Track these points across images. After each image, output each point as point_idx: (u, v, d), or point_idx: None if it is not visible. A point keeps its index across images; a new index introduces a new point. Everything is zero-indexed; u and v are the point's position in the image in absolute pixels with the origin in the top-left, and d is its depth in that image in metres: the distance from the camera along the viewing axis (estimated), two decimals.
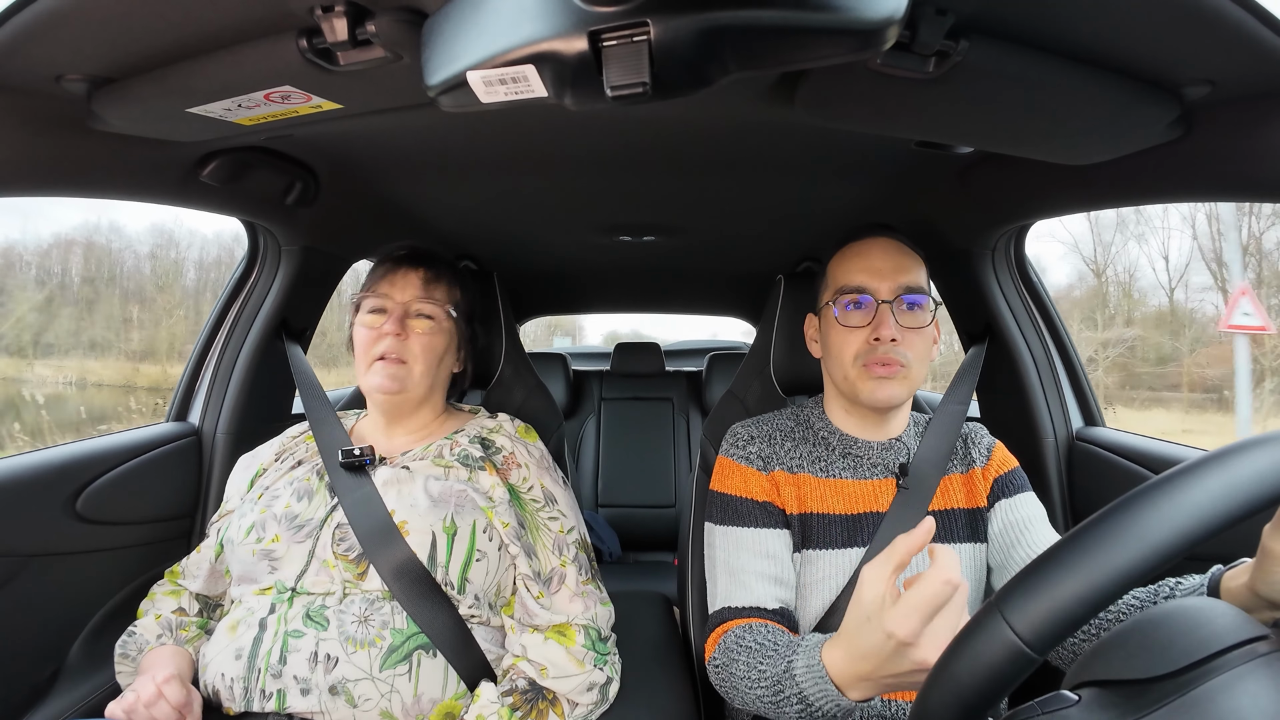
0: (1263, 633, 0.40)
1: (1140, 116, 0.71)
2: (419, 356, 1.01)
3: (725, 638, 0.86)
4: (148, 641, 0.95)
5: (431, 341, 1.03)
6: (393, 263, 1.06)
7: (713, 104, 0.84)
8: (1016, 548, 0.92)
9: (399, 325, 1.00)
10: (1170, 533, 0.39)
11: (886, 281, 0.92)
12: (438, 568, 0.89)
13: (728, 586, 0.92)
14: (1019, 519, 0.94)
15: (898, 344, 0.91)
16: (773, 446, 1.00)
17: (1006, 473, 0.98)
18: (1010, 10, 0.57)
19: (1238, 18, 0.55)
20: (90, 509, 1.08)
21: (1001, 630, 0.41)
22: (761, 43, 0.49)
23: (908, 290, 0.92)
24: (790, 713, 0.72)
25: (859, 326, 0.93)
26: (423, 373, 1.02)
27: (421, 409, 1.08)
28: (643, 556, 2.56)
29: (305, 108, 0.73)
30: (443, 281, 1.07)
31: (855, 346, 0.93)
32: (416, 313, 1.03)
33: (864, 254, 0.96)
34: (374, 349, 1.00)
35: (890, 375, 0.91)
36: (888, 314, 0.91)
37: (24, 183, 0.81)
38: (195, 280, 14.38)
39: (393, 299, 1.02)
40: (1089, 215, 9.92)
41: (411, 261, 1.06)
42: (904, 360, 0.91)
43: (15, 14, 0.58)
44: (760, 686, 0.76)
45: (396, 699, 0.83)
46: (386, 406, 1.05)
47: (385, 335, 0.99)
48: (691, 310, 3.28)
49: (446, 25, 0.54)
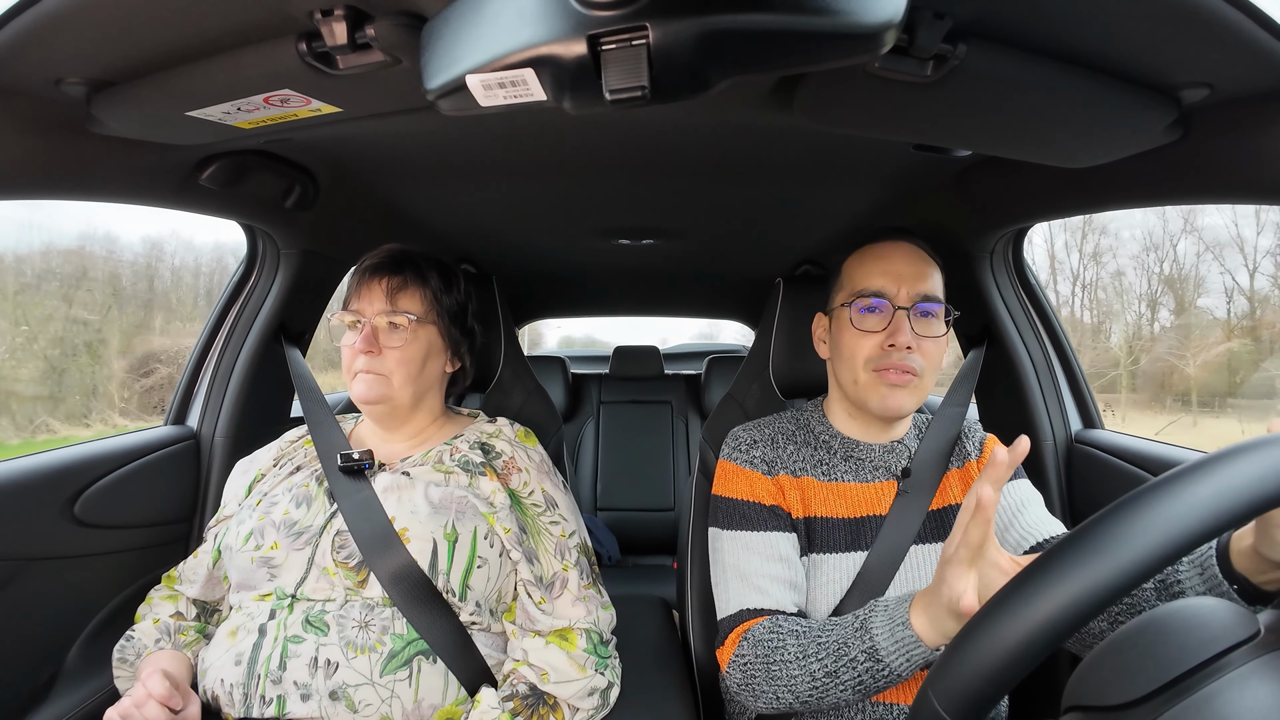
0: (1245, 636, 0.40)
1: (1138, 120, 0.71)
2: (394, 368, 1.00)
3: (754, 631, 0.84)
4: (145, 646, 0.94)
5: (405, 352, 1.00)
6: (360, 274, 1.04)
7: (711, 108, 0.84)
8: (1010, 530, 0.91)
9: (369, 341, 0.98)
10: (1084, 596, 0.39)
11: (905, 287, 0.91)
12: (439, 575, 0.89)
13: (741, 590, 0.90)
14: (1011, 503, 0.93)
15: (912, 351, 0.90)
16: (776, 450, 1.00)
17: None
18: (1008, 14, 0.58)
19: (1235, 21, 0.55)
20: (88, 513, 1.08)
21: (932, 709, 0.44)
22: (760, 47, 0.50)
23: (925, 298, 0.91)
24: (846, 680, 0.73)
25: (873, 331, 0.92)
26: (403, 382, 1.01)
27: (416, 414, 1.07)
28: (642, 560, 2.56)
29: (304, 111, 0.73)
30: (412, 287, 1.03)
31: (868, 351, 0.92)
32: (387, 324, 1.01)
33: (885, 257, 0.94)
34: (352, 365, 1.00)
35: (903, 384, 0.90)
36: (904, 321, 0.90)
37: (23, 186, 0.81)
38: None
39: (363, 313, 1.01)
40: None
41: (378, 271, 1.03)
42: (917, 369, 0.90)
43: (15, 17, 0.58)
44: (817, 660, 0.76)
45: (397, 704, 0.83)
46: (375, 415, 1.05)
47: (359, 352, 0.99)
48: (690, 313, 3.29)
49: (445, 29, 0.54)
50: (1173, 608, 0.43)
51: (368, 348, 0.98)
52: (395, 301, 1.01)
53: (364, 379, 0.99)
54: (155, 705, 0.80)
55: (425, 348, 1.03)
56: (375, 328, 1.00)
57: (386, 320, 1.00)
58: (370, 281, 1.02)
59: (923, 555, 0.92)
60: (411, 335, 1.01)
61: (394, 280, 1.02)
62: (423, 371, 1.03)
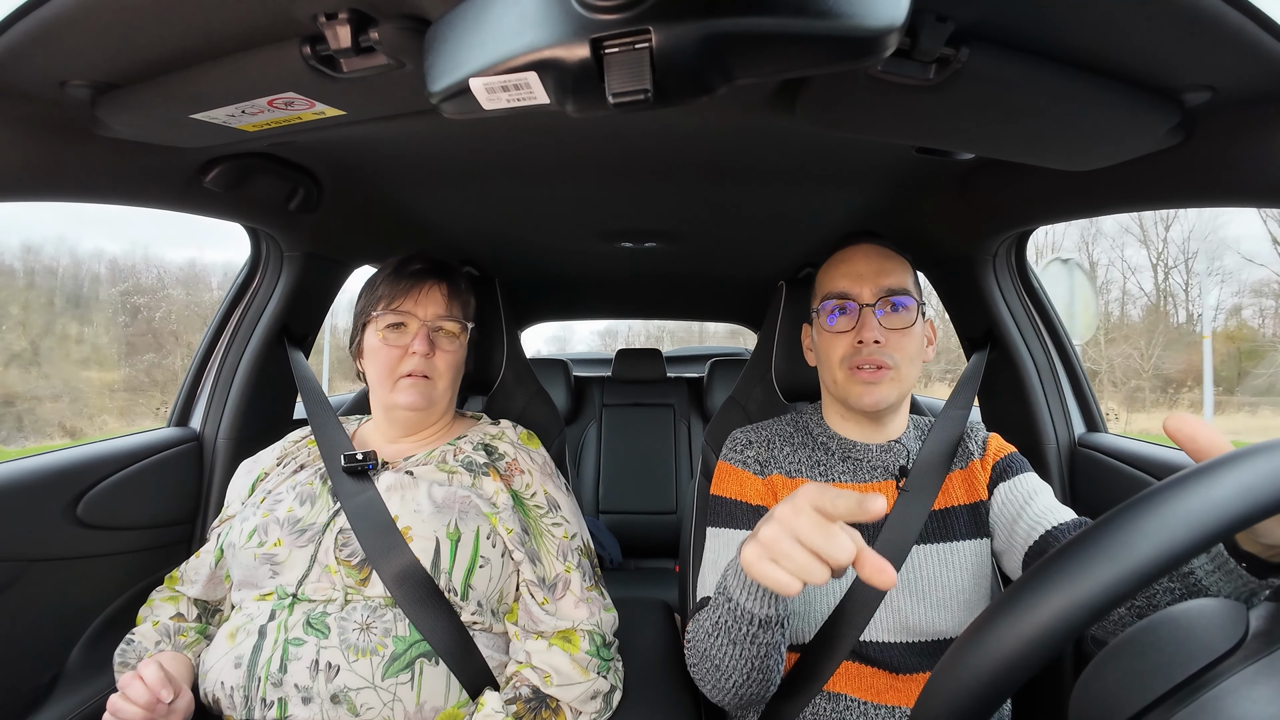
0: (1233, 643, 0.40)
1: (1141, 122, 0.71)
2: (444, 373, 1.02)
3: (691, 625, 0.87)
4: (146, 649, 0.94)
5: (456, 356, 1.04)
6: (413, 277, 1.04)
7: (714, 111, 0.84)
8: (1019, 521, 0.91)
9: (426, 344, 0.99)
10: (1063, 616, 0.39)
11: (868, 285, 0.94)
12: (441, 574, 0.89)
13: (710, 580, 0.94)
14: (1019, 495, 0.94)
15: (883, 346, 0.92)
16: (770, 451, 1.02)
17: (1004, 458, 0.99)
18: (1011, 17, 0.58)
19: (1238, 23, 0.55)
20: (91, 514, 1.08)
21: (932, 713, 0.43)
22: (762, 50, 0.50)
23: (890, 292, 0.94)
24: (717, 626, 0.75)
25: (844, 331, 0.95)
26: (446, 387, 1.04)
27: (437, 416, 1.09)
28: (644, 563, 2.55)
29: (308, 114, 0.73)
30: (463, 294, 1.08)
31: (841, 350, 0.95)
32: (442, 330, 1.03)
33: (847, 260, 0.98)
34: (400, 366, 1.00)
35: (876, 379, 0.92)
36: (870, 316, 0.93)
37: (27, 188, 0.81)
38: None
39: (416, 316, 1.01)
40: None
41: (433, 275, 1.05)
42: (891, 362, 0.92)
43: (20, 19, 0.59)
44: (710, 622, 0.77)
45: (399, 707, 0.83)
46: (409, 421, 1.06)
47: (413, 354, 0.99)
48: (692, 316, 3.29)
49: (449, 32, 0.54)
50: (1160, 619, 0.43)
51: (426, 349, 0.99)
52: (453, 307, 1.04)
53: (411, 385, 1.00)
54: (139, 685, 0.80)
55: (465, 353, 1.07)
56: (433, 330, 1.02)
57: (443, 325, 1.03)
58: (428, 285, 1.04)
59: (924, 556, 0.92)
60: (460, 342, 1.05)
61: (448, 286, 1.05)
62: (460, 376, 1.07)
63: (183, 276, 15.23)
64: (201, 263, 16.98)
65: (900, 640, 0.90)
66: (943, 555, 0.93)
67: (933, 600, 0.91)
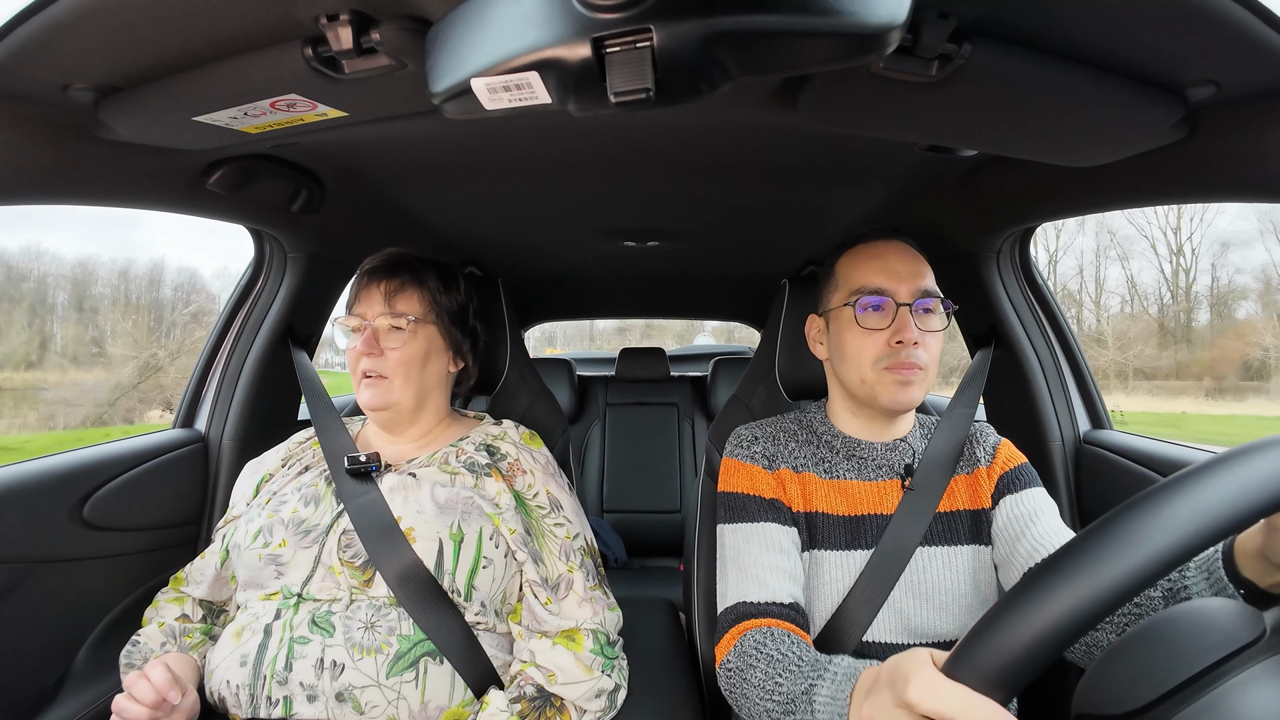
0: (1251, 638, 0.39)
1: (1144, 118, 0.70)
2: (395, 370, 1.02)
3: (743, 641, 0.84)
4: (152, 650, 0.95)
5: (405, 352, 1.02)
6: (366, 277, 1.07)
7: (716, 109, 0.84)
8: (1021, 540, 0.90)
9: (370, 343, 1.00)
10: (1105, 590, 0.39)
11: (905, 284, 0.92)
12: (444, 574, 0.89)
13: (738, 581, 0.91)
14: (1024, 512, 0.92)
15: (918, 347, 0.90)
16: (777, 446, 1.01)
17: (1012, 469, 0.97)
18: (1013, 13, 0.57)
19: (1241, 18, 0.55)
20: (97, 515, 1.09)
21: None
22: (764, 47, 0.50)
23: (925, 294, 0.92)
24: (788, 711, 0.71)
25: (877, 329, 0.92)
26: (403, 384, 1.02)
27: (420, 415, 1.08)
28: (648, 562, 2.56)
29: (311, 115, 0.73)
30: (410, 288, 1.05)
31: (875, 350, 0.92)
32: (388, 326, 1.03)
33: (881, 256, 0.95)
34: (356, 368, 1.02)
35: (912, 379, 0.91)
36: (908, 317, 0.91)
37: (31, 191, 0.81)
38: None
39: (363, 317, 1.03)
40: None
41: (376, 275, 1.06)
42: (923, 363, 0.91)
43: (22, 23, 0.59)
44: (772, 700, 0.74)
45: (404, 706, 0.83)
46: (381, 421, 1.07)
47: (361, 354, 1.01)
48: (696, 315, 3.29)
49: (451, 33, 0.54)
50: (1178, 610, 0.43)
51: (369, 349, 1.00)
52: (394, 303, 1.03)
53: (368, 385, 1.01)
54: (145, 684, 0.81)
55: (425, 348, 1.05)
56: (376, 330, 1.02)
57: (387, 322, 1.02)
58: (370, 285, 1.05)
59: (928, 558, 0.92)
60: (410, 336, 1.03)
61: (392, 283, 1.04)
62: (424, 372, 1.05)
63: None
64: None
65: (903, 641, 0.90)
66: (946, 558, 0.92)
67: (936, 602, 0.91)
